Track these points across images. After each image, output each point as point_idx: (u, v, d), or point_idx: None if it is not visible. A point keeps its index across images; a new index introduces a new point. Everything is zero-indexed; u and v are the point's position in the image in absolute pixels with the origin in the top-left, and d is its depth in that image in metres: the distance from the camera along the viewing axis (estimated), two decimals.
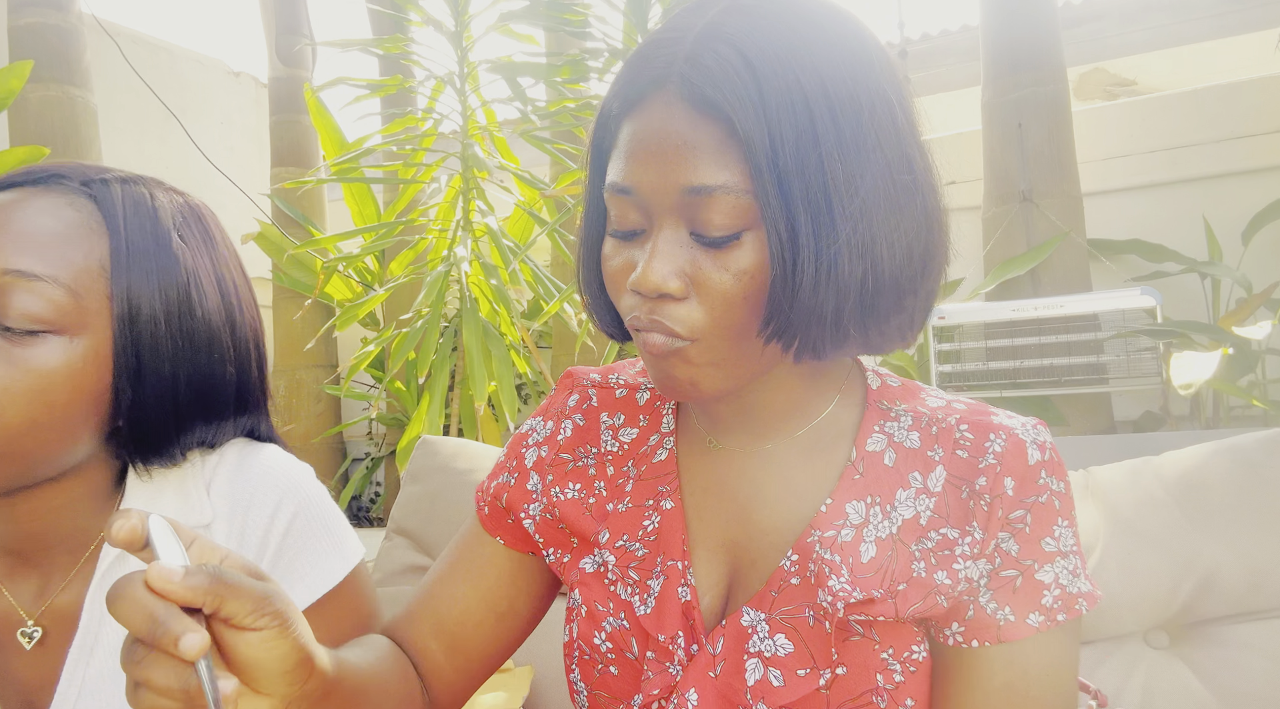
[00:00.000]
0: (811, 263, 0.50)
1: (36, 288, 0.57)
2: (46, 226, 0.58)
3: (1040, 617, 0.55)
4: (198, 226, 0.67)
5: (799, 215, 0.49)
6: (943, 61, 5.97)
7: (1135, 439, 1.20)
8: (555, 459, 0.70)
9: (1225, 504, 0.90)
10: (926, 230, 0.54)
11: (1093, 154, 3.93)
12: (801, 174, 0.49)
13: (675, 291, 0.52)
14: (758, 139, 0.49)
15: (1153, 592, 0.90)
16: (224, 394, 0.67)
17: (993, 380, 3.42)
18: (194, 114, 5.77)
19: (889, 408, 0.62)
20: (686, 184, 0.51)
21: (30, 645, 0.65)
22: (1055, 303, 3.29)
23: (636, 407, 0.70)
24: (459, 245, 2.71)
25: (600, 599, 0.64)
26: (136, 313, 0.60)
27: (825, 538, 0.57)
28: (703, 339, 0.53)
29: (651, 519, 0.64)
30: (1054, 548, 0.56)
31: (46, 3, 3.75)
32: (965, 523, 0.56)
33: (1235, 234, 3.64)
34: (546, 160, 3.88)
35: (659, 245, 0.52)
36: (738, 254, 0.52)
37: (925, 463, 0.58)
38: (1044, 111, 3.52)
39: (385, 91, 3.01)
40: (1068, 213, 3.51)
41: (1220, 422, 3.28)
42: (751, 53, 0.50)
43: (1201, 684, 0.87)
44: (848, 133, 0.50)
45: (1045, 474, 0.56)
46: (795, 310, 0.51)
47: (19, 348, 0.56)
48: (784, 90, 0.49)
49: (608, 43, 2.47)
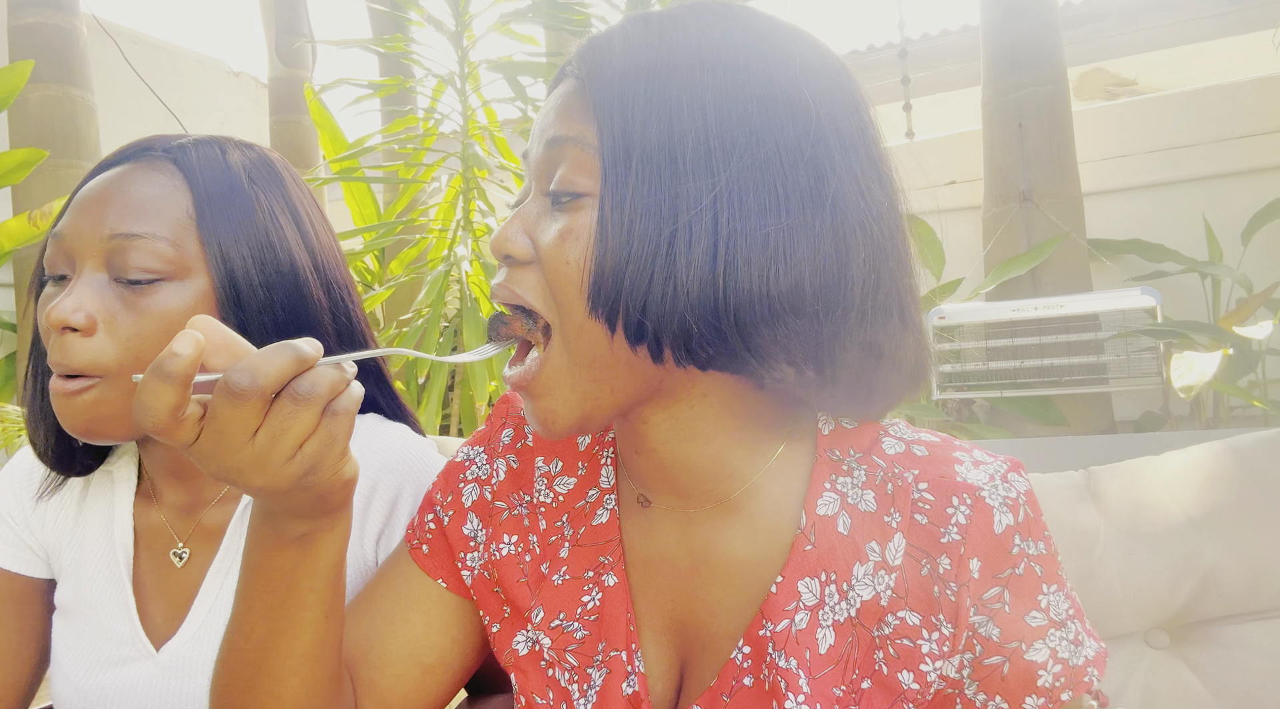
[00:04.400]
0: (648, 245, 0.46)
1: (142, 245, 0.66)
2: (141, 192, 0.68)
3: (1039, 699, 0.50)
4: (267, 171, 0.75)
5: (637, 182, 0.46)
6: (943, 61, 5.97)
7: (1135, 439, 1.20)
8: (492, 507, 0.63)
9: (1225, 504, 0.90)
10: (838, 249, 0.47)
11: (1093, 154, 3.93)
12: (644, 137, 0.47)
13: (517, 254, 0.51)
14: (608, 99, 0.48)
15: (1153, 592, 0.90)
16: (323, 327, 0.74)
17: (993, 380, 3.42)
18: (194, 114, 5.76)
19: (840, 459, 0.55)
20: (547, 136, 0.52)
21: (181, 565, 0.75)
22: (1055, 303, 3.29)
23: (575, 452, 0.62)
24: (459, 245, 2.71)
25: (538, 689, 0.58)
26: (226, 251, 0.69)
27: (779, 634, 0.51)
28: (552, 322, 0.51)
29: (592, 595, 0.58)
30: (1042, 621, 0.50)
31: (46, 3, 3.75)
32: (930, 612, 0.50)
33: (1235, 234, 3.64)
34: None
35: (525, 205, 0.53)
36: (576, 216, 0.49)
37: (882, 530, 0.52)
38: (1044, 111, 3.52)
39: (385, 91, 3.01)
40: (1068, 213, 3.51)
41: (1220, 422, 3.28)
42: (634, 34, 0.50)
43: (1201, 684, 0.87)
44: (713, 110, 0.47)
45: (1019, 540, 0.50)
46: (623, 292, 0.46)
47: (141, 297, 0.66)
48: (650, 63, 0.48)
49: None
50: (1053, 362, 3.34)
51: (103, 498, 0.78)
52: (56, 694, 0.74)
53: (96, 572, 0.76)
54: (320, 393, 0.42)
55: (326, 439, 0.43)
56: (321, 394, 0.42)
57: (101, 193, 0.68)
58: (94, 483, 0.79)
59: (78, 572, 0.76)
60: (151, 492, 0.77)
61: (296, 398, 0.41)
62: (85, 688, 0.72)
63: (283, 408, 0.41)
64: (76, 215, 0.68)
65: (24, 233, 3.40)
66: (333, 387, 0.42)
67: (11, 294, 3.99)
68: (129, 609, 0.73)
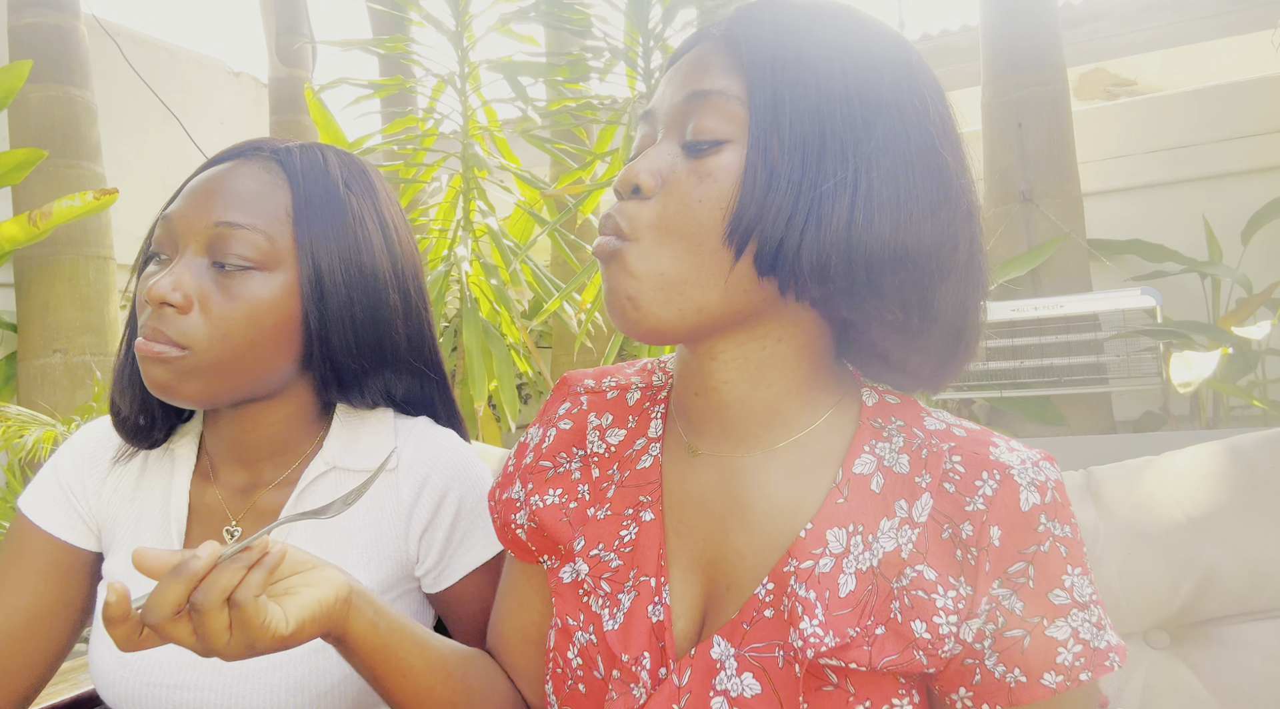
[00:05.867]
0: (792, 188, 0.51)
1: (242, 235, 0.71)
2: (246, 187, 0.73)
3: (1058, 677, 0.51)
4: (363, 181, 0.80)
5: (789, 138, 0.52)
6: (943, 61, 5.97)
7: (1135, 439, 1.20)
8: (536, 467, 0.69)
9: (1225, 504, 0.90)
10: (951, 220, 0.54)
11: (1093, 154, 3.93)
12: (798, 98, 0.52)
13: (645, 186, 0.55)
14: (761, 57, 0.53)
15: (1153, 592, 0.90)
16: (395, 331, 0.79)
17: (993, 380, 3.42)
18: (194, 114, 5.76)
19: (882, 426, 0.59)
20: (690, 90, 0.55)
21: (231, 542, 0.77)
22: (1055, 303, 3.29)
23: (626, 407, 0.68)
24: (459, 245, 2.71)
25: (572, 612, 0.63)
26: (316, 248, 0.74)
27: (802, 570, 0.54)
28: (643, 238, 0.54)
29: (629, 529, 0.62)
30: (1065, 600, 0.52)
31: (46, 3, 3.75)
32: (948, 571, 0.52)
33: (1235, 234, 3.64)
34: (547, 160, 3.87)
35: (652, 150, 0.56)
36: (715, 160, 0.53)
37: (912, 490, 0.55)
38: (1044, 111, 3.52)
39: (386, 91, 3.01)
40: (1068, 213, 3.51)
41: (1220, 422, 3.28)
42: (782, 9, 0.56)
43: (1201, 684, 0.87)
44: (859, 89, 0.53)
45: (1045, 519, 0.52)
46: (768, 228, 0.51)
47: (234, 283, 0.71)
48: (801, 32, 0.54)
49: (608, 42, 2.46)
50: (1052, 362, 3.34)
51: (161, 474, 0.82)
52: (97, 665, 0.76)
53: (150, 542, 0.78)
54: (213, 599, 0.49)
55: (241, 624, 0.50)
56: (214, 599, 0.49)
57: (210, 184, 0.73)
58: (152, 459, 0.83)
59: (131, 544, 0.79)
60: (210, 471, 0.81)
61: (196, 608, 0.49)
62: (128, 658, 0.74)
63: (196, 619, 0.50)
64: (186, 202, 0.73)
65: (24, 233, 3.40)
66: (223, 589, 0.50)
67: (12, 294, 3.98)
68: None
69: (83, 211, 3.40)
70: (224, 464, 0.81)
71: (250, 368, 0.73)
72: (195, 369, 0.70)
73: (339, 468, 0.79)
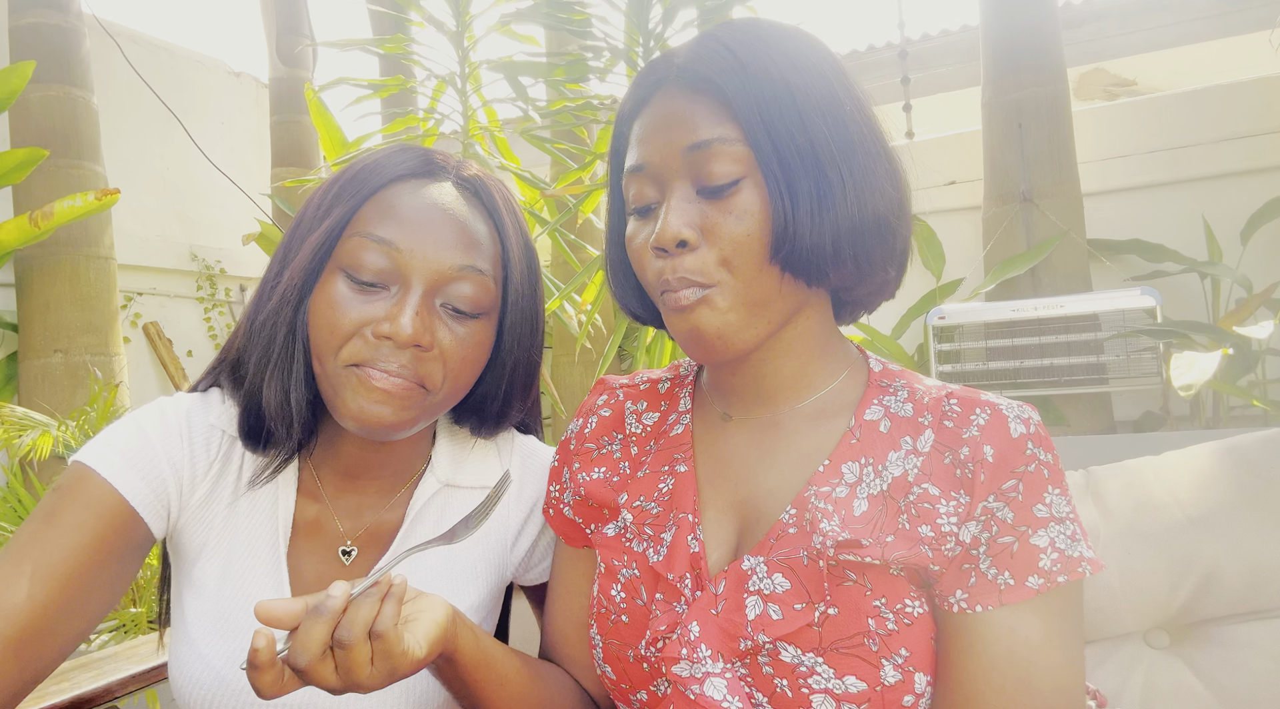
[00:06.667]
0: (808, 200, 0.59)
1: (481, 281, 0.72)
2: (479, 230, 0.74)
3: (1039, 580, 0.58)
4: (517, 212, 0.79)
5: (790, 159, 0.59)
6: (943, 61, 5.97)
7: (1135, 439, 1.20)
8: (581, 449, 0.78)
9: (1225, 504, 0.90)
10: (894, 188, 0.64)
11: (1093, 154, 3.94)
12: (785, 125, 0.60)
13: (690, 239, 0.61)
14: (745, 99, 0.60)
15: (1153, 592, 0.90)
16: (537, 364, 0.81)
17: (993, 380, 3.43)
18: (195, 114, 5.76)
19: (888, 385, 0.68)
20: (687, 143, 0.61)
21: (349, 562, 0.78)
22: (1055, 303, 3.30)
23: (658, 394, 0.78)
24: None
25: (617, 555, 0.71)
26: (514, 294, 0.76)
27: (821, 493, 0.63)
28: (722, 282, 0.61)
29: (666, 482, 0.70)
30: (1046, 514, 0.59)
31: (47, 3, 3.75)
32: (949, 487, 0.61)
33: (1235, 234, 3.64)
34: (547, 160, 3.87)
35: (671, 203, 0.62)
36: (738, 199, 0.60)
37: (915, 428, 0.64)
38: (1044, 112, 3.53)
39: (386, 92, 3.00)
40: (1068, 213, 3.51)
41: (1220, 422, 3.28)
42: (734, 45, 0.62)
43: (1201, 684, 0.87)
44: (822, 100, 0.61)
45: (1032, 446, 0.60)
46: (798, 239, 0.59)
47: (464, 327, 0.72)
48: (764, 66, 0.61)
49: (609, 42, 2.47)
50: (1052, 362, 3.35)
51: (265, 488, 0.77)
52: (184, 674, 0.72)
53: (252, 554, 0.76)
54: (357, 633, 0.53)
55: (384, 654, 0.54)
56: (357, 634, 0.53)
57: (450, 221, 0.73)
58: (249, 464, 0.77)
59: (229, 553, 0.76)
60: (315, 488, 0.79)
61: (342, 644, 0.53)
62: (217, 664, 0.71)
63: (341, 655, 0.53)
64: (421, 236, 0.71)
65: (24, 233, 3.40)
66: (365, 622, 0.54)
67: (12, 294, 3.98)
68: (284, 593, 0.75)
69: (84, 212, 3.41)
70: (334, 483, 0.79)
71: (457, 402, 0.76)
72: (431, 408, 0.72)
73: (450, 486, 0.81)
